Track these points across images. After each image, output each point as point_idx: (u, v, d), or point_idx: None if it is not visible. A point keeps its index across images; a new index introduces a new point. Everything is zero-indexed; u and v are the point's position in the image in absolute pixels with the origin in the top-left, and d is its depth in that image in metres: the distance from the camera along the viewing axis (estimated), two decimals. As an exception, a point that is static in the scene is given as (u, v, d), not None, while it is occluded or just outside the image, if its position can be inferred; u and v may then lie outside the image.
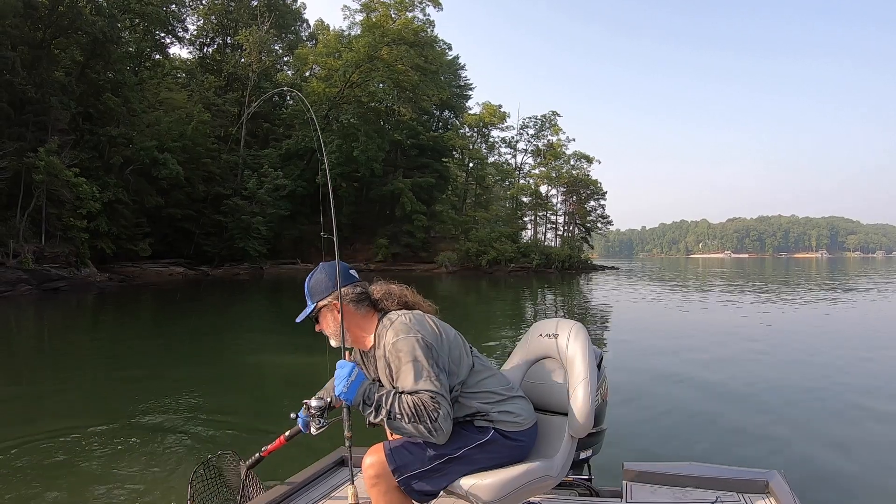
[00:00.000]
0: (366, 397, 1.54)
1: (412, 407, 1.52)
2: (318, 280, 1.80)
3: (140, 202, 31.74)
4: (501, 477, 1.61)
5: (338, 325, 1.74)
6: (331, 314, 1.77)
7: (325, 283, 1.78)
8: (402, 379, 1.58)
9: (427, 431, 1.52)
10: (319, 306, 1.77)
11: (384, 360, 1.66)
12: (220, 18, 47.29)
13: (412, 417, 1.51)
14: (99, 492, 3.35)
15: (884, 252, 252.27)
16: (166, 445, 4.19)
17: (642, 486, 2.18)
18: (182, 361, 8.12)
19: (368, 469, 1.63)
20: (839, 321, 12.50)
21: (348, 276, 1.80)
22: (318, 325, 1.82)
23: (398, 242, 42.41)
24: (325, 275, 1.80)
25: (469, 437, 1.66)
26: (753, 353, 8.24)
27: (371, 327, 1.77)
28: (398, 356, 1.60)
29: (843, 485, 3.46)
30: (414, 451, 1.63)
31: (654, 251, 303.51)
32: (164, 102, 36.77)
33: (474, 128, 51.56)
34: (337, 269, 1.78)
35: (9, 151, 23.30)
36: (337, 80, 41.42)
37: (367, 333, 1.78)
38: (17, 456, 3.94)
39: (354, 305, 1.77)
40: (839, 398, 5.53)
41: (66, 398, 5.86)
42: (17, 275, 21.06)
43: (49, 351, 9.74)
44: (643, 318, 13.77)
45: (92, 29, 28.14)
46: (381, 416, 1.52)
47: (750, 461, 3.34)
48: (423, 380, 1.56)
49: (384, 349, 1.66)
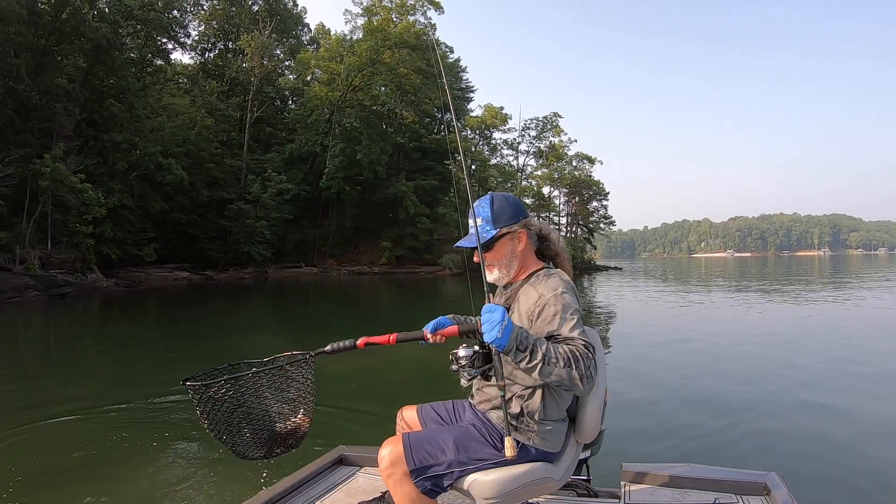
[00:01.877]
0: (518, 342, 1.44)
1: (568, 352, 1.46)
2: (501, 206, 1.73)
3: (145, 207, 31.87)
4: (503, 475, 1.60)
5: (514, 254, 1.72)
6: (510, 243, 1.73)
7: (512, 212, 1.73)
8: (561, 325, 1.54)
9: (579, 378, 1.45)
10: (502, 232, 1.72)
11: (534, 304, 1.62)
12: (222, 24, 47.50)
13: (567, 362, 1.44)
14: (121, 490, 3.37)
15: (886, 249, 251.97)
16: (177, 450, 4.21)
17: (640, 487, 2.18)
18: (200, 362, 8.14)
19: (384, 459, 1.62)
20: (840, 320, 12.41)
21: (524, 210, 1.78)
22: (484, 252, 1.72)
23: (402, 245, 42.44)
24: (508, 203, 1.75)
25: (498, 454, 1.64)
26: (753, 353, 8.19)
27: (531, 265, 1.76)
28: (562, 304, 1.57)
29: (841, 486, 3.46)
30: (435, 454, 1.62)
31: (657, 251, 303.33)
32: (167, 108, 36.96)
33: (476, 130, 51.64)
34: None
35: (14, 158, 23.40)
36: (339, 83, 41.53)
37: (526, 271, 1.75)
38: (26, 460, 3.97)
39: (532, 240, 1.77)
40: (839, 398, 5.51)
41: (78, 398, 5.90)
42: (25, 280, 21.14)
43: (75, 354, 9.78)
44: (644, 319, 13.74)
45: (95, 35, 28.27)
46: (535, 360, 1.44)
47: (748, 462, 3.39)
48: (581, 331, 1.54)
49: (539, 293, 1.63)
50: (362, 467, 2.38)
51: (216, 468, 3.73)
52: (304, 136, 42.93)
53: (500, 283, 1.78)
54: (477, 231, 1.68)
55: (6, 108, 24.34)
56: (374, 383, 6.60)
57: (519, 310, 1.67)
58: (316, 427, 1.82)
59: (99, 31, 28.44)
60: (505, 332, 1.41)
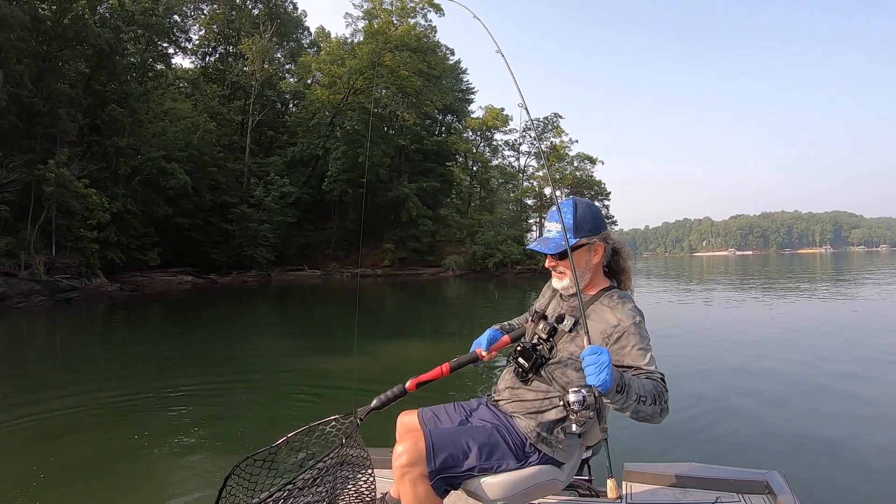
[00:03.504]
0: (616, 384, 1.40)
1: (654, 389, 1.46)
2: (584, 215, 1.69)
3: (148, 212, 31.91)
4: (512, 477, 1.60)
5: (589, 265, 1.70)
6: (587, 254, 1.70)
7: (594, 222, 1.69)
8: (642, 357, 1.54)
9: (660, 412, 1.46)
10: (582, 242, 1.68)
11: (612, 328, 1.60)
12: (222, 28, 47.57)
13: (654, 399, 1.44)
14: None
15: (888, 246, 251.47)
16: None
17: (642, 487, 2.17)
18: (221, 367, 8.16)
19: (402, 456, 1.55)
20: (839, 320, 12.31)
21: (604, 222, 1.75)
22: (557, 260, 1.70)
23: (405, 247, 42.47)
24: (591, 212, 1.70)
25: (521, 464, 1.63)
26: (753, 352, 8.15)
27: (600, 281, 1.74)
28: (640, 334, 1.57)
29: (842, 485, 3.45)
30: (457, 457, 1.59)
31: (658, 250, 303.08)
32: (168, 112, 37.02)
33: (477, 131, 51.67)
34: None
35: (19, 164, 23.46)
36: (341, 86, 41.59)
37: (595, 286, 1.73)
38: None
39: (607, 254, 1.74)
40: (840, 398, 5.48)
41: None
42: (31, 286, 21.19)
43: (88, 357, 9.80)
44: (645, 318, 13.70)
45: (97, 40, 28.32)
46: (630, 400, 1.41)
47: (750, 461, 3.36)
48: (656, 363, 1.55)
49: (618, 318, 1.60)
50: (363, 468, 2.35)
51: (216, 469, 3.74)
52: (306, 140, 43.00)
53: (568, 292, 1.74)
54: (565, 234, 1.62)
55: (10, 114, 24.38)
56: (374, 384, 6.57)
57: (591, 324, 1.61)
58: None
59: (101, 37, 28.50)
60: (610, 374, 1.38)
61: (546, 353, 1.68)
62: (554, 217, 1.68)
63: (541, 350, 1.68)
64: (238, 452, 4.08)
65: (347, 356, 8.60)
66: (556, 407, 1.64)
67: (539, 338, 1.72)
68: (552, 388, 1.66)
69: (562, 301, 1.78)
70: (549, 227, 1.70)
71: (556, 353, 1.66)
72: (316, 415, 1.90)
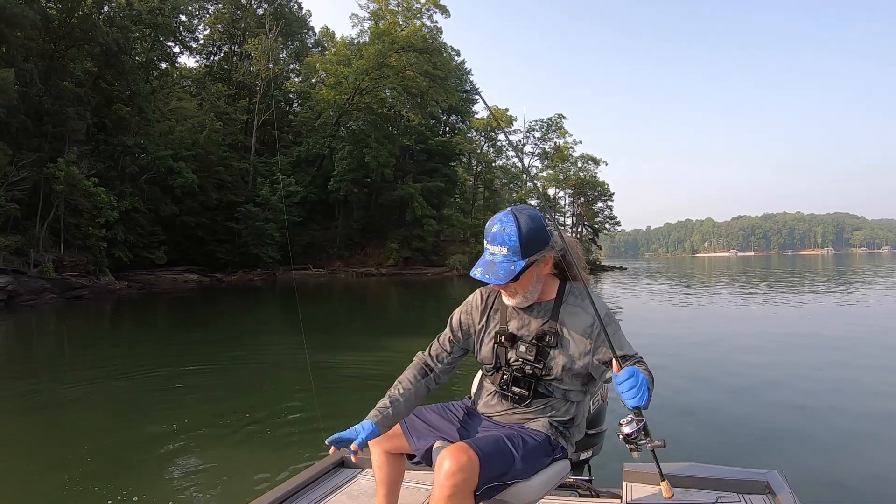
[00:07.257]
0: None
1: (650, 374, 1.47)
2: (529, 231, 1.54)
3: (155, 210, 32.08)
4: (543, 478, 1.58)
5: (540, 278, 1.60)
6: (536, 269, 1.58)
7: (539, 235, 1.56)
8: (624, 346, 1.56)
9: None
10: (532, 261, 1.55)
11: (589, 327, 1.59)
12: (227, 27, 47.68)
13: (652, 383, 1.45)
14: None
15: (890, 247, 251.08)
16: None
17: (642, 487, 2.14)
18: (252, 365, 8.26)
19: (450, 471, 1.38)
20: (840, 319, 12.39)
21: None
22: (510, 282, 1.56)
23: (409, 246, 42.54)
24: (536, 227, 1.56)
25: (549, 464, 1.62)
26: (753, 352, 8.17)
27: (553, 282, 1.67)
28: (614, 322, 1.59)
29: (843, 485, 3.43)
30: (503, 467, 1.49)
31: (660, 251, 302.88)
32: (175, 112, 37.15)
33: (481, 132, 51.78)
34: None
35: (28, 162, 23.61)
36: (346, 87, 41.70)
37: (551, 290, 1.67)
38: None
39: (556, 258, 1.63)
40: (840, 398, 5.50)
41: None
42: (41, 283, 21.34)
43: (106, 353, 9.92)
44: (644, 317, 13.73)
45: (105, 40, 28.48)
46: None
47: (750, 461, 3.36)
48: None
49: (590, 314, 1.59)
50: (363, 469, 2.34)
51: (217, 470, 3.77)
52: (312, 139, 43.11)
53: (522, 306, 1.64)
54: None
55: (19, 113, 24.56)
56: (374, 384, 6.63)
57: (570, 331, 1.61)
58: (316, 430, 1.81)
59: (109, 36, 28.67)
60: (648, 389, 1.37)
61: (540, 374, 1.63)
62: (497, 239, 1.54)
63: (535, 374, 1.64)
64: (247, 445, 4.22)
65: (359, 352, 8.76)
66: (563, 406, 1.67)
67: (525, 360, 1.64)
68: (553, 397, 1.67)
69: (525, 315, 1.67)
70: (492, 249, 1.55)
71: (550, 371, 1.62)
72: (318, 414, 1.90)
